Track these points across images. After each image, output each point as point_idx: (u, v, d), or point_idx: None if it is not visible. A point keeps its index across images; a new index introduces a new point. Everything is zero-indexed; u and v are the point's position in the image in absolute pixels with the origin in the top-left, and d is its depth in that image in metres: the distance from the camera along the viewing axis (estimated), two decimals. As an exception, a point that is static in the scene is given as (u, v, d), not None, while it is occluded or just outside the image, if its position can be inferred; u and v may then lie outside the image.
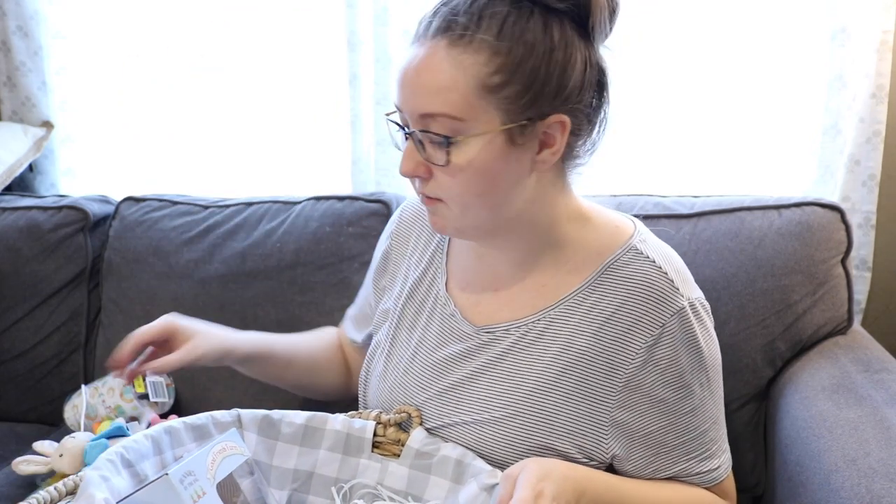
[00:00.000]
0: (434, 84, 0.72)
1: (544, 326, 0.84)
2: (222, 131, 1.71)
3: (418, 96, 0.74)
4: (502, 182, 0.76)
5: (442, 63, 0.72)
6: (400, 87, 0.76)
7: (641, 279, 0.80)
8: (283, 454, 0.85)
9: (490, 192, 0.76)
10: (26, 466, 1.16)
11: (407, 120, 0.77)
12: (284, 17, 1.63)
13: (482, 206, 0.78)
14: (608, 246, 0.83)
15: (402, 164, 0.77)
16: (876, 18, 1.30)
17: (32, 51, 1.70)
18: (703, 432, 0.83)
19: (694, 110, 1.45)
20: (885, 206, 1.40)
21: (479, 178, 0.75)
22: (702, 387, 0.82)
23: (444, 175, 0.76)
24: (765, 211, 1.19)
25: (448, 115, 0.72)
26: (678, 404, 0.81)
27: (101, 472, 0.70)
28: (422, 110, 0.74)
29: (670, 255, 0.85)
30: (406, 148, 0.77)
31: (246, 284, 1.39)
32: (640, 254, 0.82)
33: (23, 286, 1.50)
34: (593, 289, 0.82)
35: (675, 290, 0.80)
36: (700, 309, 0.82)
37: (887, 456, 0.79)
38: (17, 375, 1.49)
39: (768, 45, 1.40)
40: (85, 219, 1.53)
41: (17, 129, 1.68)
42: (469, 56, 0.71)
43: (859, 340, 1.15)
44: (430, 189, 0.78)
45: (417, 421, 0.86)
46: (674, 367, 0.80)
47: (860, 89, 1.34)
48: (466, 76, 0.71)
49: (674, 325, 0.79)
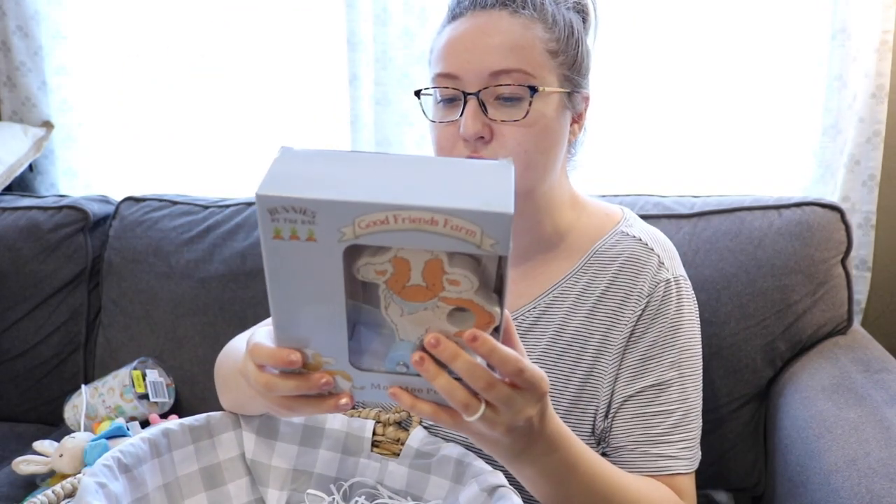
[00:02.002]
0: (508, 42, 0.77)
1: (539, 314, 0.87)
2: (222, 131, 1.71)
3: (490, 54, 0.77)
4: (557, 142, 0.82)
5: (512, 26, 0.78)
6: (459, 52, 0.78)
7: (629, 256, 0.86)
8: (281, 454, 0.84)
9: (551, 150, 0.81)
10: (26, 466, 1.16)
11: (465, 85, 0.78)
12: (284, 18, 1.63)
13: (539, 166, 0.80)
14: (598, 232, 0.89)
15: (467, 124, 0.77)
16: (876, 18, 1.30)
17: (32, 51, 1.70)
18: (670, 412, 0.82)
19: (694, 110, 1.45)
20: (885, 206, 1.40)
21: (547, 133, 0.79)
22: (672, 366, 0.82)
23: (515, 131, 0.78)
24: (765, 211, 1.19)
25: (524, 70, 0.77)
26: (663, 375, 0.82)
27: (98, 479, 0.69)
28: (496, 67, 0.77)
29: (657, 234, 0.90)
30: (469, 110, 0.77)
31: (246, 284, 1.39)
32: (626, 235, 0.88)
33: (23, 286, 1.50)
34: (583, 272, 0.87)
35: (660, 264, 0.85)
36: (684, 285, 0.86)
37: (887, 456, 0.79)
38: (17, 375, 1.49)
39: (768, 45, 1.40)
40: (85, 219, 1.53)
41: (17, 129, 1.68)
42: (533, 24, 0.79)
43: (859, 340, 1.15)
44: (490, 151, 0.78)
45: (417, 420, 0.86)
46: (658, 337, 0.83)
47: (860, 89, 1.34)
48: (535, 38, 0.78)
49: (658, 295, 0.83)
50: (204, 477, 0.81)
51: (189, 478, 0.80)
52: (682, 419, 0.82)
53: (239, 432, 0.84)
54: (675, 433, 0.82)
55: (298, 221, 0.47)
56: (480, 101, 0.78)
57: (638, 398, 0.82)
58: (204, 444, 0.82)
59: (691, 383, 0.84)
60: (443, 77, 0.80)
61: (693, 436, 0.83)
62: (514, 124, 0.77)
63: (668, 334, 0.83)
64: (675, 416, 0.82)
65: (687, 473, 0.81)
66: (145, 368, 1.37)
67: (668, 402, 0.82)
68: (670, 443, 0.81)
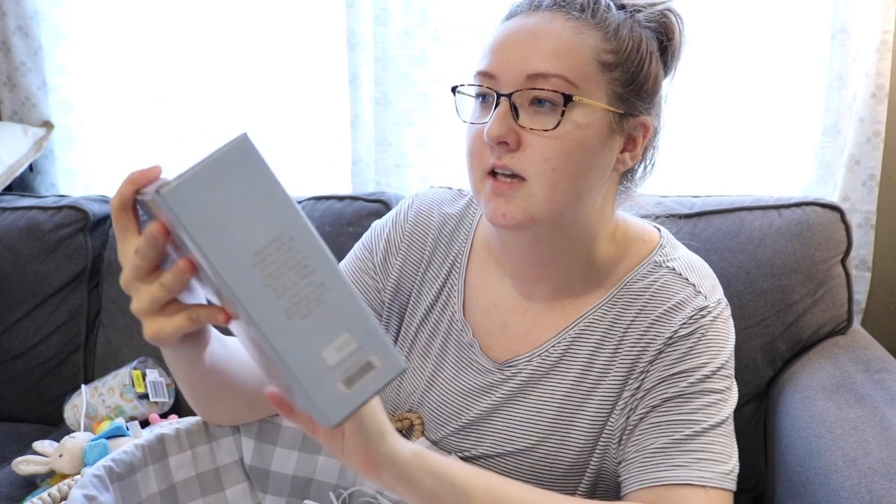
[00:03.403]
0: (554, 46, 0.71)
1: (566, 347, 0.81)
2: (222, 131, 1.71)
3: (532, 55, 0.71)
4: (595, 166, 0.74)
5: (563, 29, 0.71)
6: (502, 50, 0.73)
7: (660, 287, 0.79)
8: (281, 460, 0.83)
9: (583, 174, 0.73)
10: (26, 466, 1.16)
11: (500, 85, 0.72)
12: (284, 18, 1.63)
13: (569, 189, 0.72)
14: (632, 261, 0.82)
15: (493, 126, 0.70)
16: (876, 18, 1.30)
17: (32, 51, 1.70)
18: (692, 423, 0.75)
19: (694, 110, 1.45)
20: (885, 206, 1.40)
21: (581, 152, 0.71)
22: (699, 382, 0.76)
23: (543, 143, 0.70)
24: (765, 211, 1.19)
25: (564, 77, 0.70)
26: (686, 389, 0.75)
27: (86, 491, 0.68)
28: (535, 70, 0.70)
29: (692, 261, 0.82)
30: (498, 111, 0.71)
31: (246, 284, 1.39)
32: (658, 266, 0.80)
33: (23, 286, 1.50)
34: (613, 304, 0.80)
35: (697, 293, 0.78)
36: (720, 308, 0.79)
37: (887, 456, 0.79)
38: (17, 375, 1.49)
39: (768, 44, 1.40)
40: (85, 219, 1.53)
41: (17, 129, 1.68)
42: (588, 29, 0.72)
43: (859, 340, 1.15)
44: (515, 161, 0.71)
45: (420, 429, 0.84)
46: (686, 364, 0.75)
47: (860, 89, 1.34)
48: (586, 44, 0.71)
49: (694, 320, 0.76)
50: (202, 483, 0.80)
51: (186, 483, 0.79)
52: (702, 432, 0.73)
53: (238, 437, 0.83)
54: (692, 443, 0.73)
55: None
56: (513, 104, 0.71)
57: (659, 409, 0.75)
58: (202, 449, 0.81)
59: (719, 400, 0.75)
60: (481, 75, 0.74)
61: (717, 451, 0.73)
62: (543, 135, 0.70)
63: (696, 351, 0.76)
64: (695, 428, 0.74)
65: (698, 486, 0.71)
66: (145, 368, 1.37)
67: (690, 412, 0.74)
68: (685, 452, 0.73)
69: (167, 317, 0.55)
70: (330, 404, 0.49)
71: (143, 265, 0.54)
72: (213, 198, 0.47)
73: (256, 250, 0.48)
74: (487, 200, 0.73)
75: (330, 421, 0.49)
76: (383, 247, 0.90)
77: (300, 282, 0.48)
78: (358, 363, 0.50)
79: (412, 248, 0.89)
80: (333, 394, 0.49)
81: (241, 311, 0.49)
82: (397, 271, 0.89)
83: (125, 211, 0.56)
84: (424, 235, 0.89)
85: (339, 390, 0.49)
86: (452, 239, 0.88)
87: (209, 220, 0.47)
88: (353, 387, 0.50)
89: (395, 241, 0.89)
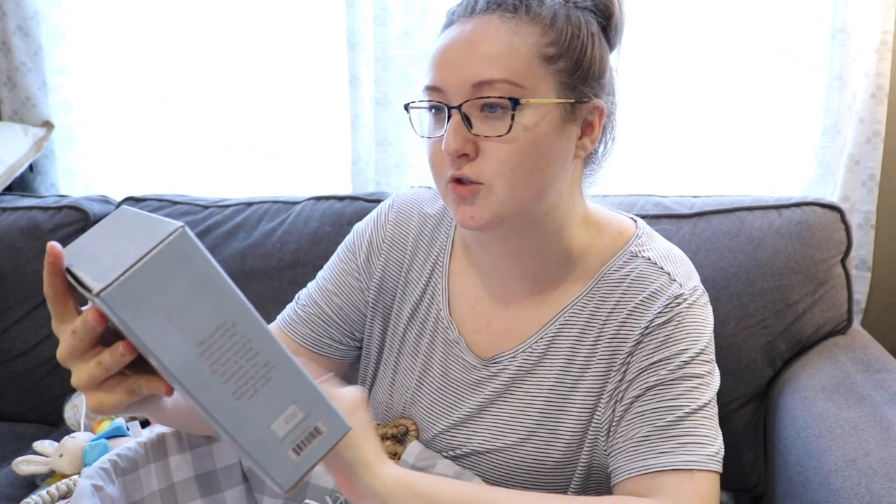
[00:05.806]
0: (493, 51, 0.71)
1: (549, 341, 0.82)
2: (222, 131, 1.71)
3: (474, 64, 0.71)
4: (553, 160, 0.74)
5: (499, 32, 0.71)
6: (444, 63, 0.73)
7: (636, 276, 0.80)
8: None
9: (542, 170, 0.74)
10: (26, 466, 1.16)
11: (449, 98, 0.73)
12: (284, 18, 1.64)
13: (530, 186, 0.73)
14: (609, 252, 0.82)
15: (449, 141, 0.71)
16: (876, 18, 1.30)
17: (32, 51, 1.70)
18: (674, 409, 0.75)
19: (694, 110, 1.45)
20: (884, 206, 1.40)
21: (536, 150, 0.72)
22: (679, 368, 0.76)
23: (498, 147, 0.71)
24: (765, 211, 1.19)
25: (509, 80, 0.71)
26: (667, 376, 0.76)
27: (94, 482, 0.69)
28: (479, 78, 0.71)
29: (669, 250, 0.83)
30: (451, 125, 0.72)
31: (246, 284, 1.39)
32: (635, 256, 0.81)
33: (23, 286, 1.50)
34: (591, 296, 0.81)
35: (672, 281, 0.79)
36: (696, 295, 0.79)
37: (887, 456, 0.79)
38: (17, 375, 1.49)
39: (768, 44, 1.40)
40: (85, 219, 1.53)
41: (17, 129, 1.68)
42: (525, 27, 0.72)
43: (859, 340, 1.15)
44: (474, 170, 0.72)
45: (414, 434, 0.84)
46: (665, 352, 0.76)
47: (860, 89, 1.34)
48: (525, 43, 0.71)
49: (669, 308, 0.77)
50: (200, 484, 0.81)
51: (185, 484, 0.80)
52: (685, 417, 0.74)
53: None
54: (675, 429, 0.74)
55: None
56: (464, 114, 0.72)
57: (642, 399, 0.76)
58: (201, 450, 0.82)
59: (700, 384, 0.76)
60: (429, 90, 0.75)
61: (701, 434, 0.74)
62: (497, 140, 0.71)
63: (674, 339, 0.76)
64: (677, 413, 0.74)
65: (684, 470, 0.72)
66: (145, 368, 1.37)
67: (671, 398, 0.75)
68: (670, 438, 0.73)
69: (107, 392, 0.54)
70: (282, 473, 0.51)
71: (80, 346, 0.53)
72: (153, 295, 0.47)
73: (201, 340, 0.48)
74: (455, 206, 0.75)
75: (283, 486, 0.52)
76: (366, 248, 0.91)
77: (246, 364, 0.49)
78: (306, 430, 0.52)
79: (394, 248, 0.91)
80: (285, 462, 0.51)
81: (188, 397, 0.49)
82: (380, 271, 0.90)
83: (57, 294, 0.53)
84: (405, 235, 0.91)
85: (290, 458, 0.51)
86: (433, 238, 0.90)
87: (151, 318, 0.47)
88: (302, 453, 0.52)
89: (377, 241, 0.91)
